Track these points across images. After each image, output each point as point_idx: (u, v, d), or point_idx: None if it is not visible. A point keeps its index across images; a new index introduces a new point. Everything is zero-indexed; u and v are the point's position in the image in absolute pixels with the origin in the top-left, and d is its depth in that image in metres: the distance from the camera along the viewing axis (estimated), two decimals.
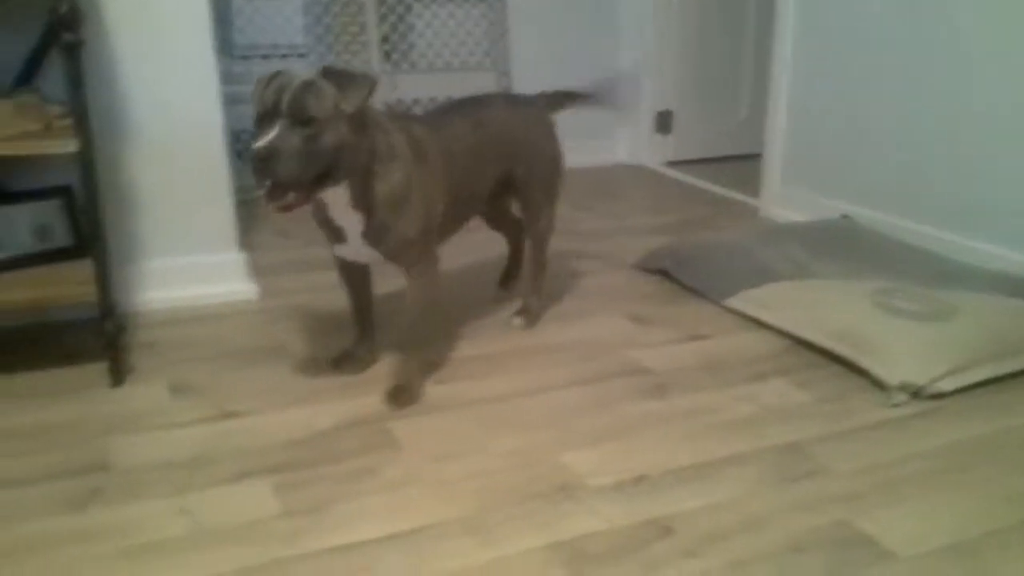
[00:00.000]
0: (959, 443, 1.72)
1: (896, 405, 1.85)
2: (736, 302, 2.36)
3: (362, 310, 2.01)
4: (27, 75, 2.10)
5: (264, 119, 1.56)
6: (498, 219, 2.40)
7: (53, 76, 2.11)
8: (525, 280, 2.33)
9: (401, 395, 1.85)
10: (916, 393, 1.87)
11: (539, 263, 2.27)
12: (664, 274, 2.64)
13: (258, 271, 2.55)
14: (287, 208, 1.58)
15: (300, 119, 1.53)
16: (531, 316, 2.28)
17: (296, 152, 1.52)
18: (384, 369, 1.99)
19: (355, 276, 1.96)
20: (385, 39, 3.79)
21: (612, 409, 1.86)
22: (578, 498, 1.53)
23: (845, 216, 2.98)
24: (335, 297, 2.46)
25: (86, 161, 1.80)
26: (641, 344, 2.18)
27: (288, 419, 1.79)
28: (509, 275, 2.49)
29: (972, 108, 2.57)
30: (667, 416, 1.83)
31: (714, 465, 1.64)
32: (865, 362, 1.95)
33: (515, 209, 2.28)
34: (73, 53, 1.74)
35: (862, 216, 2.94)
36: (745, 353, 2.13)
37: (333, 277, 1.99)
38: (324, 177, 1.59)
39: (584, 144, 4.13)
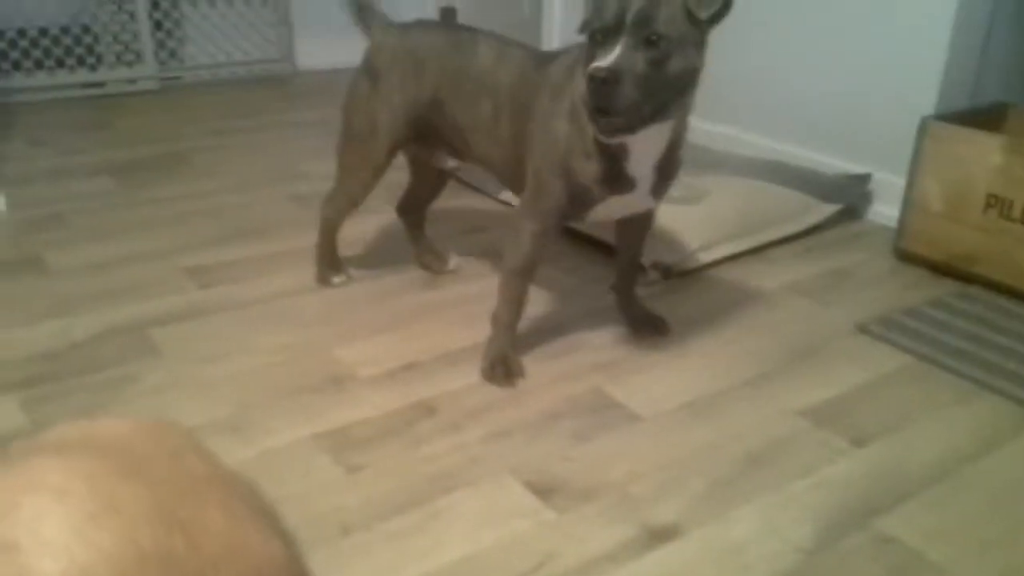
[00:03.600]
0: (703, 313, 1.87)
1: (650, 283, 1.98)
2: (505, 194, 2.42)
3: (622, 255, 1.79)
4: None
5: (603, 35, 1.33)
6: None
7: None
8: None
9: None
10: (667, 271, 2.00)
11: None
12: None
13: (7, 182, 2.36)
14: (614, 136, 1.37)
15: (648, 37, 1.30)
16: None
17: (641, 78, 1.30)
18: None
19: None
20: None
21: (388, 302, 1.88)
22: (347, 388, 1.55)
23: None
24: (96, 206, 2.34)
25: None
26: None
27: (41, 332, 1.70)
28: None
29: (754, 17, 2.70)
30: (441, 305, 1.87)
31: (480, 347, 1.70)
32: None
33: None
34: None
35: None
36: None
37: (90, 185, 1.87)
38: (662, 109, 1.36)
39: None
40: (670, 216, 2.11)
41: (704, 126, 2.85)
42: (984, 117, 2.17)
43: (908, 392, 1.61)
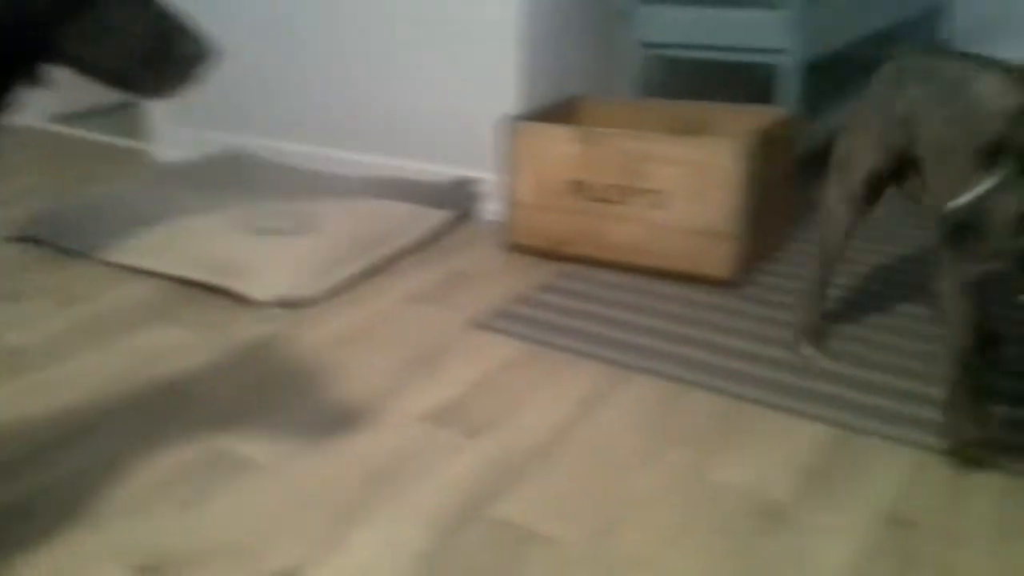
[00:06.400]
0: (325, 341, 1.85)
1: (271, 320, 1.93)
2: (115, 255, 2.26)
3: None
4: None
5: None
6: None
7: None
8: None
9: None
10: (288, 303, 1.96)
11: None
12: (38, 242, 2.42)
13: None
14: None
15: None
16: None
17: None
18: None
19: None
20: None
21: None
22: None
23: (231, 150, 3.00)
24: None
25: None
26: (10, 324, 1.98)
27: None
28: None
29: (339, 40, 2.73)
30: None
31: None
32: (238, 286, 2.00)
33: None
34: None
35: (254, 146, 2.98)
36: (124, 305, 2.05)
37: None
38: None
39: None
40: (282, 250, 2.07)
41: (304, 148, 2.86)
42: (560, 112, 2.35)
43: (520, 377, 1.70)
